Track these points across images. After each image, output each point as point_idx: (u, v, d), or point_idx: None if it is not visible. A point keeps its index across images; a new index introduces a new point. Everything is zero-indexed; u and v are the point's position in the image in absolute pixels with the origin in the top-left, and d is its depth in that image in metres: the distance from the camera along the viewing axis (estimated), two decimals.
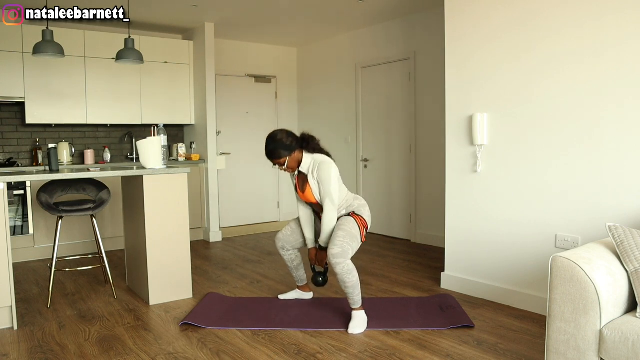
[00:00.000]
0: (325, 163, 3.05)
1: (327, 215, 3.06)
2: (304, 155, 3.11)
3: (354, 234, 3.02)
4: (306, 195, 3.16)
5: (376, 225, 6.04)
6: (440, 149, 4.52)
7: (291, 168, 3.12)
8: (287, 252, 3.40)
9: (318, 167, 3.05)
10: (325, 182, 3.03)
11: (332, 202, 3.04)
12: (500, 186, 3.42)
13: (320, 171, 3.04)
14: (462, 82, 3.62)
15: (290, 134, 3.10)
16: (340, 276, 2.91)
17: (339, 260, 2.89)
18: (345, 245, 2.94)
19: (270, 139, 3.08)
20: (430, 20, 5.18)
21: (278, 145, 3.04)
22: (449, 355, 2.62)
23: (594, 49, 2.89)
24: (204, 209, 5.93)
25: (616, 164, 2.83)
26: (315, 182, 3.08)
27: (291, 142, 3.06)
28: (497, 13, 3.38)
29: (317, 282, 3.22)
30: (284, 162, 3.07)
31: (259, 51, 6.80)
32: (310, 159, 3.10)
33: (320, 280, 3.21)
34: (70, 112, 5.28)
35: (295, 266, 3.45)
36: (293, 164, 3.10)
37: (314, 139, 3.15)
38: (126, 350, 2.76)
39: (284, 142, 3.04)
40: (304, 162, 3.10)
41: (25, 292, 3.87)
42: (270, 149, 3.06)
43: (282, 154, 3.04)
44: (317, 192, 3.10)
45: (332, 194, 3.03)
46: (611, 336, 1.85)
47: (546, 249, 3.16)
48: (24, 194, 4.87)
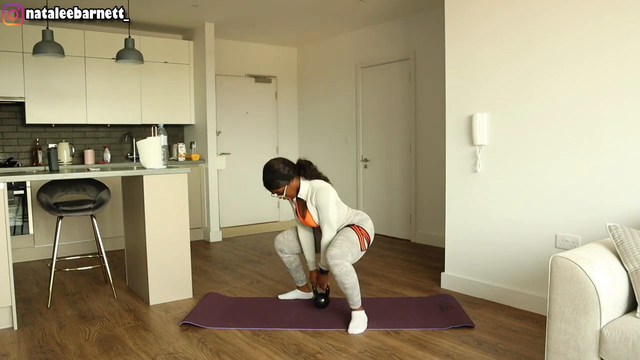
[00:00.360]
0: (323, 190, 3.08)
1: (325, 241, 3.09)
2: (302, 182, 3.15)
3: (353, 240, 3.04)
4: (307, 221, 3.21)
5: (376, 225, 5.98)
6: (440, 149, 4.53)
7: (290, 196, 3.17)
8: (285, 254, 3.43)
9: (316, 193, 3.09)
10: (323, 209, 3.06)
11: (330, 228, 3.08)
12: (500, 186, 3.42)
13: (318, 198, 3.07)
14: (462, 82, 3.62)
15: (286, 163, 3.13)
16: (339, 277, 2.92)
17: (337, 261, 2.90)
18: (344, 247, 2.96)
19: (267, 169, 3.12)
20: (430, 20, 5.18)
21: (275, 176, 3.07)
22: (449, 355, 2.62)
23: (594, 49, 2.89)
24: (204, 209, 5.93)
25: (616, 164, 2.83)
26: (314, 209, 3.12)
27: (288, 170, 3.09)
28: (497, 13, 3.38)
29: (319, 304, 3.28)
30: (283, 191, 3.11)
31: (259, 51, 6.80)
32: (308, 185, 3.14)
33: (322, 301, 3.28)
34: (70, 112, 5.28)
35: (294, 267, 3.47)
36: (291, 191, 3.14)
37: (310, 165, 3.19)
38: (126, 350, 2.76)
39: (281, 172, 3.07)
40: (301, 189, 3.14)
41: (25, 292, 3.87)
42: (268, 180, 3.10)
43: (280, 184, 3.08)
44: (317, 217, 3.14)
45: (330, 220, 3.07)
46: (611, 336, 1.85)
47: (546, 249, 3.16)
48: (24, 194, 4.87)
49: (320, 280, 3.23)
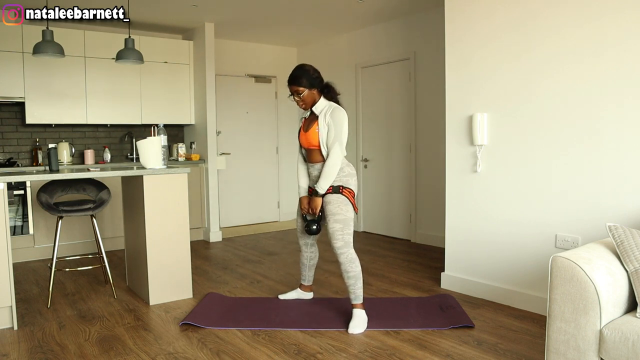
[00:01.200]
0: (341, 110, 3.07)
1: (332, 159, 3.01)
2: (322, 98, 3.14)
3: (348, 218, 3.02)
4: (308, 135, 3.11)
5: (376, 225, 6.05)
6: (440, 149, 4.53)
7: (305, 102, 3.13)
8: (310, 248, 3.39)
9: (333, 110, 3.05)
10: (338, 126, 3.02)
11: (340, 147, 3.02)
12: (500, 186, 3.42)
13: (335, 115, 3.03)
14: (462, 82, 3.62)
15: (317, 71, 3.16)
16: (344, 265, 2.96)
17: (342, 250, 2.96)
18: (345, 237, 2.99)
19: (298, 66, 3.17)
20: (430, 20, 5.18)
21: (303, 74, 3.10)
22: (449, 355, 2.62)
23: (594, 49, 2.89)
24: (204, 209, 5.93)
25: (616, 164, 2.83)
26: (325, 125, 3.05)
27: (316, 77, 3.12)
28: (497, 13, 3.38)
29: (311, 231, 3.14)
30: (302, 92, 3.09)
31: (259, 51, 6.80)
32: (327, 103, 3.13)
33: (314, 228, 3.14)
34: (70, 112, 5.28)
35: (310, 265, 3.44)
36: (309, 99, 3.12)
37: (335, 90, 3.19)
38: (126, 350, 2.76)
39: (309, 74, 3.10)
40: (319, 103, 3.12)
41: (25, 292, 3.87)
42: (295, 74, 3.11)
43: (303, 83, 3.09)
44: (323, 135, 3.05)
45: (342, 138, 3.03)
46: (611, 336, 1.85)
47: (546, 249, 3.16)
48: (24, 194, 4.87)
49: (313, 203, 3.09)
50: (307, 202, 3.19)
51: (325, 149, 3.06)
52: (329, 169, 3.01)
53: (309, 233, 3.17)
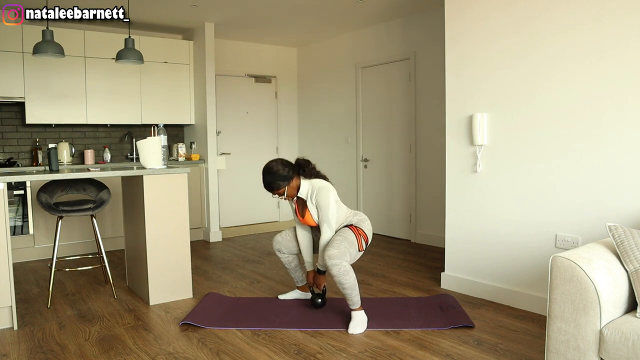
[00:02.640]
0: (323, 189, 3.09)
1: (324, 240, 3.10)
2: (302, 181, 3.16)
3: (351, 240, 3.04)
4: (306, 220, 3.21)
5: (376, 225, 6.02)
6: (440, 149, 4.53)
7: (290, 196, 3.18)
8: (283, 254, 3.43)
9: (316, 192, 3.10)
10: (323, 208, 3.07)
11: (329, 228, 3.10)
12: (500, 186, 3.42)
13: (319, 197, 3.08)
14: (462, 82, 3.62)
15: (285, 164, 3.14)
16: (337, 277, 2.92)
17: (335, 261, 2.90)
18: (342, 248, 2.96)
19: (267, 171, 3.13)
20: (430, 20, 5.18)
21: (275, 177, 3.09)
22: (449, 355, 2.62)
23: (594, 50, 2.89)
24: (204, 209, 5.93)
25: (616, 164, 2.83)
26: (315, 208, 3.13)
27: (287, 171, 3.10)
28: (497, 13, 3.38)
29: (316, 304, 3.26)
30: (283, 192, 3.13)
31: (259, 51, 6.80)
32: (308, 184, 3.15)
33: (319, 302, 3.25)
34: (70, 112, 5.28)
35: (293, 267, 3.47)
36: (292, 191, 3.16)
37: (309, 164, 3.20)
38: (126, 350, 2.76)
39: (280, 173, 3.08)
40: (302, 189, 3.15)
41: (25, 292, 3.87)
42: (268, 182, 3.11)
43: (280, 185, 3.10)
44: (316, 216, 3.15)
45: (330, 219, 3.09)
46: (611, 336, 1.85)
47: (546, 249, 3.16)
48: (24, 194, 4.87)
49: (318, 280, 3.22)
50: (312, 276, 3.29)
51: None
52: (324, 247, 3.09)
53: (314, 307, 3.28)
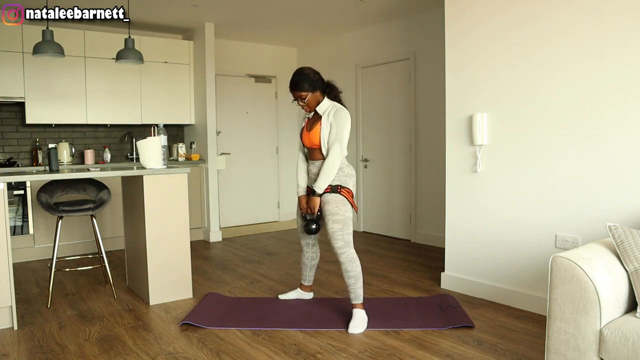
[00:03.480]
0: (345, 111, 3.08)
1: (331, 158, 3.00)
2: (325, 99, 3.13)
3: (347, 218, 3.02)
4: (311, 135, 3.11)
5: (376, 225, 6.04)
6: (440, 149, 4.52)
7: (310, 106, 3.13)
8: (312, 248, 3.39)
9: (337, 110, 3.06)
10: (340, 126, 3.02)
11: (340, 147, 3.02)
12: (500, 186, 3.42)
13: (338, 115, 3.04)
14: (462, 82, 3.62)
15: (317, 73, 3.14)
16: (344, 265, 2.97)
17: (343, 250, 2.97)
18: (345, 237, 2.99)
19: (298, 71, 3.13)
20: (430, 20, 5.18)
21: (304, 78, 3.07)
22: (449, 355, 2.62)
23: (594, 50, 2.89)
24: (204, 209, 5.93)
25: (616, 164, 2.83)
26: (328, 125, 3.05)
27: (317, 80, 3.10)
28: (497, 13, 3.38)
29: (310, 230, 3.13)
30: (305, 96, 3.08)
31: (259, 51, 6.80)
32: (330, 103, 3.12)
33: (313, 227, 3.12)
34: (70, 112, 5.28)
35: (311, 265, 3.44)
36: (313, 102, 3.11)
37: (337, 89, 3.19)
38: (126, 350, 2.76)
39: (310, 77, 3.07)
40: (323, 104, 3.12)
41: (25, 292, 3.87)
42: (296, 80, 3.08)
43: (305, 87, 3.07)
44: (325, 134, 3.05)
45: (343, 139, 3.03)
46: (611, 336, 1.85)
47: (546, 249, 3.16)
48: (24, 194, 4.87)
49: (311, 203, 3.07)
50: (305, 201, 3.17)
51: (326, 148, 3.05)
52: (328, 168, 3.00)
53: (308, 232, 3.16)
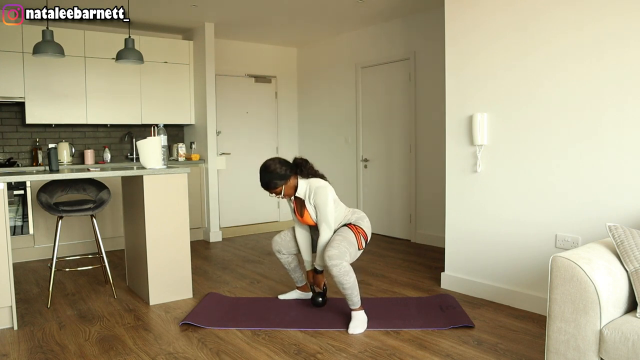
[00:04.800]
0: (321, 188, 3.09)
1: (322, 240, 3.10)
2: (299, 180, 3.15)
3: (350, 240, 3.04)
4: (305, 219, 3.21)
5: (376, 225, 6.03)
6: (440, 149, 4.52)
7: (288, 195, 3.17)
8: (283, 255, 3.43)
9: (314, 192, 3.09)
10: (321, 208, 3.07)
11: (328, 227, 3.09)
12: (500, 186, 3.42)
13: (317, 196, 3.08)
14: (462, 82, 3.62)
15: (283, 162, 3.13)
16: (337, 278, 2.91)
17: (335, 261, 2.90)
18: (341, 248, 2.96)
19: (264, 170, 3.12)
20: (430, 20, 5.18)
21: (272, 177, 3.08)
22: (449, 355, 2.62)
23: (595, 50, 2.89)
24: (204, 209, 5.93)
25: (616, 164, 2.83)
26: (313, 207, 3.13)
27: (285, 170, 3.10)
28: (497, 13, 3.38)
29: (317, 303, 3.26)
30: (281, 191, 3.12)
31: (259, 51, 6.80)
32: (306, 184, 3.15)
33: (320, 300, 3.25)
34: (70, 112, 5.28)
35: (292, 268, 3.47)
36: (289, 191, 3.15)
37: (307, 163, 3.19)
38: (126, 350, 2.76)
39: (277, 172, 3.08)
40: (299, 188, 3.15)
41: (25, 292, 3.87)
42: (266, 181, 3.11)
43: (277, 184, 3.09)
44: (314, 216, 3.15)
45: (328, 219, 3.08)
46: (611, 336, 1.85)
47: (546, 249, 3.16)
48: (24, 194, 4.86)
49: (317, 279, 3.22)
50: (312, 276, 3.29)
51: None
52: (321, 249, 3.09)
53: (314, 305, 3.28)
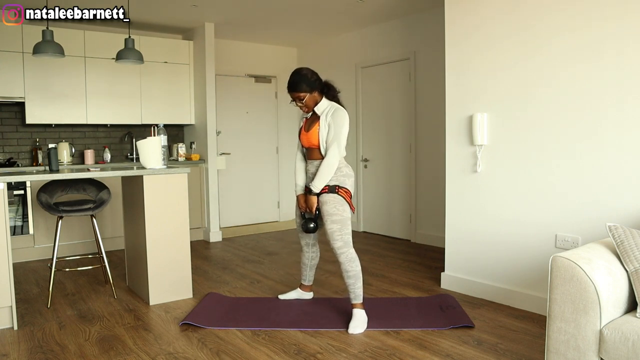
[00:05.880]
0: (343, 111, 3.08)
1: (329, 159, 3.01)
2: (323, 99, 3.14)
3: (345, 218, 3.01)
4: (309, 135, 3.13)
5: (376, 225, 6.04)
6: (440, 149, 4.53)
7: (308, 106, 3.13)
8: (312, 248, 3.39)
9: (335, 111, 3.06)
10: (338, 126, 3.03)
11: (338, 147, 3.02)
12: (500, 186, 3.42)
13: (336, 115, 3.04)
14: (462, 82, 3.62)
15: (315, 73, 3.13)
16: (344, 265, 2.97)
17: (342, 250, 2.97)
18: (344, 237, 2.99)
19: (295, 72, 3.13)
20: (430, 20, 5.18)
21: (302, 79, 3.07)
22: (449, 355, 2.62)
23: (595, 50, 2.89)
24: (204, 209, 5.93)
25: (616, 164, 2.83)
26: (326, 125, 3.06)
27: (315, 80, 3.10)
28: (497, 13, 3.38)
29: (308, 229, 3.15)
30: (304, 97, 3.08)
31: (259, 51, 6.80)
32: (328, 103, 3.13)
33: (312, 226, 3.14)
34: (70, 112, 5.28)
35: (311, 265, 3.44)
36: (311, 102, 3.12)
37: (335, 88, 3.19)
38: (126, 350, 2.76)
39: (308, 78, 3.07)
40: (321, 104, 3.12)
41: (25, 292, 3.87)
42: (294, 81, 3.09)
43: (303, 88, 3.07)
44: (324, 134, 3.06)
45: (340, 139, 3.03)
46: (611, 336, 1.85)
47: (546, 249, 3.16)
48: (24, 194, 4.86)
49: (310, 201, 3.08)
50: (303, 200, 3.20)
51: (325, 148, 3.06)
52: (325, 168, 3.01)
53: (305, 231, 3.19)
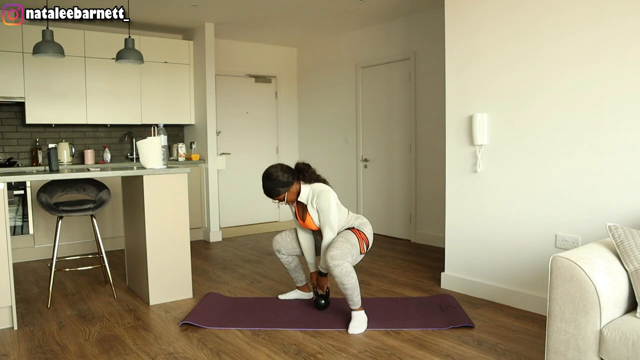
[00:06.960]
0: (324, 192, 3.09)
1: (325, 242, 3.10)
2: (302, 186, 3.15)
3: (353, 242, 3.05)
4: (307, 224, 3.21)
5: (376, 225, 6.03)
6: (440, 149, 4.53)
7: (290, 201, 3.18)
8: (283, 255, 3.43)
9: (317, 196, 3.09)
10: (324, 211, 3.07)
11: (331, 230, 3.09)
12: (500, 186, 3.42)
13: (319, 200, 3.08)
14: (462, 82, 3.62)
15: (285, 169, 3.12)
16: (339, 278, 2.91)
17: (337, 262, 2.89)
18: (344, 249, 2.96)
19: (267, 178, 3.10)
20: (430, 20, 5.18)
21: (275, 184, 3.08)
22: (449, 355, 2.62)
23: (595, 51, 2.88)
24: (204, 209, 5.93)
25: (616, 164, 2.83)
26: (315, 211, 3.13)
27: (287, 177, 3.09)
28: (498, 13, 3.38)
29: (319, 306, 3.28)
30: (284, 197, 3.13)
31: (259, 51, 6.80)
32: (309, 189, 3.14)
33: (322, 303, 3.27)
34: (70, 112, 5.28)
35: (292, 268, 3.47)
36: (292, 196, 3.16)
37: (309, 168, 3.19)
38: (126, 350, 2.76)
39: (280, 180, 3.07)
40: (302, 193, 3.14)
41: (25, 292, 3.87)
42: (268, 189, 3.10)
43: (280, 192, 3.09)
44: (317, 220, 3.15)
45: (331, 222, 3.08)
46: (611, 336, 1.85)
47: (546, 249, 3.16)
48: (24, 194, 4.86)
49: (321, 282, 3.23)
50: (315, 278, 3.30)
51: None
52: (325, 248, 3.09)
53: (317, 308, 3.30)
